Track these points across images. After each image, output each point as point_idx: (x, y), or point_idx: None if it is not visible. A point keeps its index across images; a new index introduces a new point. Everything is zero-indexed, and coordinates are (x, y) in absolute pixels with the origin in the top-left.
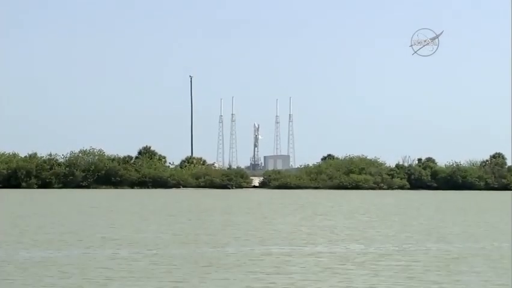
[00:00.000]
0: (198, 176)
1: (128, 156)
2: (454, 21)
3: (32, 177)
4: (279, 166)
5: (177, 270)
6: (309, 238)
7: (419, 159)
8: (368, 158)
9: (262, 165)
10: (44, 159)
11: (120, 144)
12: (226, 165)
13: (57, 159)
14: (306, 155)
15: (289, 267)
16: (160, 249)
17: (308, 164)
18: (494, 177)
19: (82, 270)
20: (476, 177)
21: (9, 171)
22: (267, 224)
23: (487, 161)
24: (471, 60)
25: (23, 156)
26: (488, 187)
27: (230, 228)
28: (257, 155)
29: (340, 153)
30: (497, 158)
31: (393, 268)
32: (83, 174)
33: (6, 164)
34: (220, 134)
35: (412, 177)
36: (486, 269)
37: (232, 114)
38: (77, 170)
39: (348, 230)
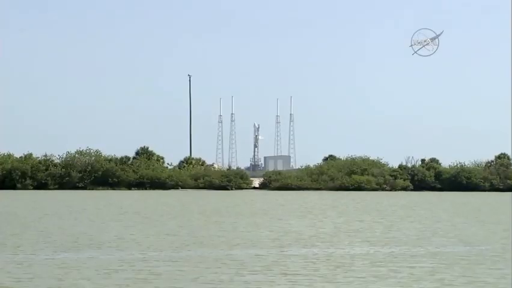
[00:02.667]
0: (197, 177)
1: (126, 156)
2: (454, 21)
3: (27, 178)
4: (280, 167)
5: (207, 271)
6: (331, 240)
7: (423, 160)
8: (370, 158)
9: (263, 165)
10: (39, 160)
11: (117, 145)
12: (226, 166)
13: (53, 160)
14: (307, 156)
15: (317, 270)
16: (186, 251)
17: (309, 165)
18: (500, 178)
19: (109, 273)
20: (481, 178)
21: (3, 172)
22: (286, 226)
23: (492, 161)
24: (471, 60)
25: (18, 157)
26: (493, 188)
27: (248, 230)
28: (257, 155)
29: (342, 154)
30: (503, 158)
31: (419, 270)
32: (80, 175)
33: (0, 164)
34: (220, 134)
35: (415, 178)
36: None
37: (232, 114)
38: (73, 170)
39: (366, 232)
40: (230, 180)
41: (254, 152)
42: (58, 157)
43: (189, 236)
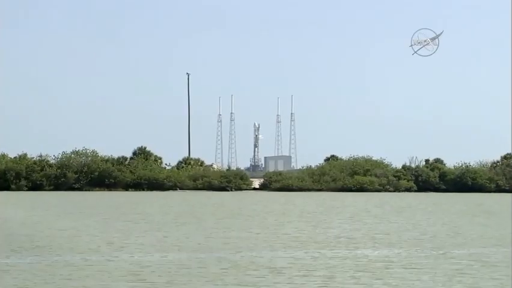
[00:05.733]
0: (196, 177)
1: (123, 157)
2: (454, 21)
3: (22, 179)
4: (280, 167)
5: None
6: (356, 242)
7: (427, 160)
8: (373, 158)
9: (263, 166)
10: (34, 160)
11: (114, 145)
12: (225, 167)
13: (48, 160)
14: (308, 156)
15: (343, 271)
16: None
17: (311, 165)
18: (506, 178)
19: (137, 275)
20: (487, 179)
21: None
22: (306, 227)
23: (498, 162)
24: (471, 60)
25: (12, 157)
26: (499, 189)
27: (266, 232)
28: (257, 155)
29: (344, 154)
30: (509, 159)
31: (447, 272)
32: (76, 175)
33: None
34: (219, 133)
35: (419, 179)
36: None
37: (232, 113)
38: (69, 171)
39: (385, 234)
40: (230, 181)
41: (254, 152)
42: (53, 157)
43: (208, 238)
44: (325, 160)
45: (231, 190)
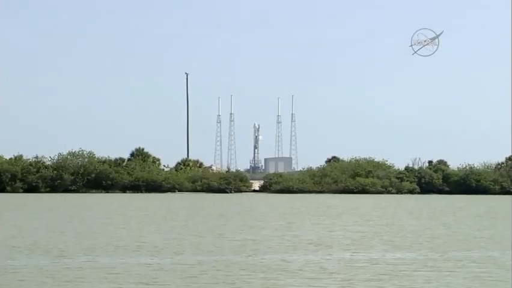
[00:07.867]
0: (194, 179)
1: (120, 158)
2: (454, 21)
3: (18, 181)
4: (281, 169)
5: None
6: (370, 244)
7: (430, 162)
8: (375, 160)
9: (263, 167)
10: (30, 162)
11: (111, 146)
12: (225, 168)
13: (44, 162)
14: (309, 157)
15: (356, 275)
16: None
17: (312, 167)
18: (510, 180)
19: (168, 277)
20: (491, 181)
21: None
22: (322, 230)
23: (502, 163)
24: (471, 60)
25: (7, 159)
26: (503, 191)
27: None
28: (257, 157)
29: (345, 155)
30: None
31: (466, 276)
32: (72, 177)
33: None
34: (218, 134)
35: (422, 180)
36: None
37: (231, 113)
38: (65, 173)
39: (400, 236)
40: (229, 183)
41: (254, 153)
42: (49, 159)
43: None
44: (326, 161)
45: (230, 192)
